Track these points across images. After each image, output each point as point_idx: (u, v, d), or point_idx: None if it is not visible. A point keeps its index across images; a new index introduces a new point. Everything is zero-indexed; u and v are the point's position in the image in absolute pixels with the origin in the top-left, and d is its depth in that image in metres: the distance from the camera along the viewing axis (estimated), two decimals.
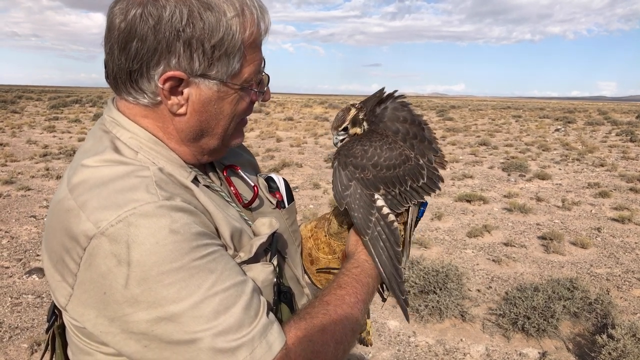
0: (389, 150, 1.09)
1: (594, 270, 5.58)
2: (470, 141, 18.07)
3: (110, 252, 0.75)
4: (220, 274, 0.79)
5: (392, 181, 1.09)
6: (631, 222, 7.44)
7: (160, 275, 0.75)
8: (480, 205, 8.38)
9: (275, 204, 1.14)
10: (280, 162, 11.74)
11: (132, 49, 0.83)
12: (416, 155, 1.12)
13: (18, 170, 10.48)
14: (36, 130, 18.61)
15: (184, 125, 0.91)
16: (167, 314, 0.75)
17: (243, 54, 0.89)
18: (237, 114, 0.95)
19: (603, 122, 29.52)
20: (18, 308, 4.34)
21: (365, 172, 1.08)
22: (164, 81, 0.84)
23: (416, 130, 1.13)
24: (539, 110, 45.51)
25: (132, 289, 0.75)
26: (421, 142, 1.13)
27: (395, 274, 1.07)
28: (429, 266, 4.56)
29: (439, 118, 31.66)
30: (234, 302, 0.78)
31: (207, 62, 0.85)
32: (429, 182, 1.14)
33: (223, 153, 1.03)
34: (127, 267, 0.75)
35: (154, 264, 0.75)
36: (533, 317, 3.99)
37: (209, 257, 0.80)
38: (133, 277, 0.75)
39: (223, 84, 0.89)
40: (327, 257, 1.20)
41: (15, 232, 6.35)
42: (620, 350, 3.36)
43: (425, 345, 3.93)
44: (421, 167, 1.12)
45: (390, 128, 1.12)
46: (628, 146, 17.16)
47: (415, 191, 1.12)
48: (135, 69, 0.84)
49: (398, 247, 1.08)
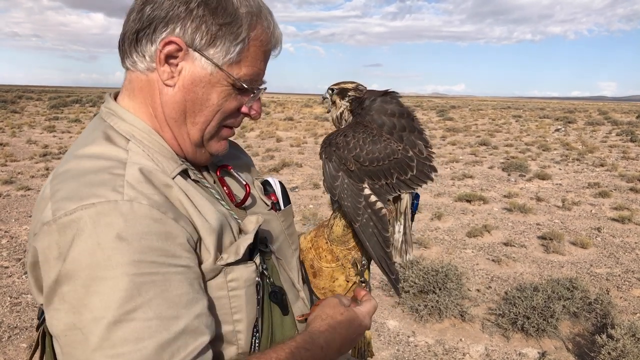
0: (372, 144, 1.07)
1: (593, 270, 5.57)
2: (471, 141, 18.06)
3: (55, 242, 0.74)
4: (150, 300, 0.72)
5: (377, 174, 1.09)
6: (631, 222, 7.44)
7: (88, 280, 0.71)
8: (480, 205, 8.38)
9: (270, 205, 1.13)
10: (280, 162, 11.74)
11: (146, 10, 0.87)
12: (405, 147, 1.10)
13: (18, 170, 10.48)
14: (36, 130, 18.61)
15: (170, 98, 0.90)
16: (80, 323, 0.71)
17: (245, 48, 0.90)
18: (222, 110, 0.93)
19: (603, 122, 29.51)
20: (17, 308, 4.34)
21: (349, 164, 1.09)
22: (164, 44, 0.87)
23: (405, 122, 1.12)
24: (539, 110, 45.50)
25: (61, 285, 0.73)
26: (411, 133, 1.12)
27: (384, 256, 1.11)
28: (429, 266, 4.55)
29: (439, 118, 31.65)
30: (149, 335, 0.71)
31: (208, 39, 0.87)
32: (418, 174, 1.12)
33: (206, 159, 0.99)
34: (62, 262, 0.73)
35: (87, 266, 0.72)
36: (533, 317, 3.98)
37: (148, 277, 0.73)
38: (64, 273, 0.73)
39: (218, 69, 0.89)
40: (331, 265, 1.16)
41: (14, 231, 6.35)
42: (620, 350, 3.35)
43: (424, 345, 3.93)
44: (410, 160, 1.10)
45: (376, 121, 1.11)
46: (628, 146, 17.15)
47: (403, 183, 1.12)
48: (144, 28, 0.87)
49: (386, 232, 1.10)
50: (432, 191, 9.35)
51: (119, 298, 0.70)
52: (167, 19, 0.86)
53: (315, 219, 6.91)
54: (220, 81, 0.90)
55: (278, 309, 0.96)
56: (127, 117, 0.92)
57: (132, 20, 0.89)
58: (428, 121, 28.79)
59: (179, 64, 0.89)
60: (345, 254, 1.17)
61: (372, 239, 1.11)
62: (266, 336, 0.93)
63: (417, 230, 6.85)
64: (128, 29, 0.90)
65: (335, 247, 1.17)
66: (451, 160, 13.31)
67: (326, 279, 1.18)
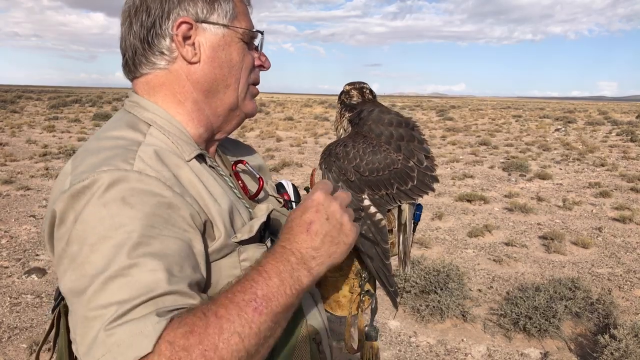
0: (372, 154, 1.06)
1: (595, 270, 5.56)
2: (471, 141, 18.05)
3: (70, 207, 0.78)
4: (145, 260, 0.74)
5: (377, 184, 1.08)
6: (632, 221, 7.42)
7: (94, 239, 0.75)
8: (480, 205, 8.36)
9: (282, 202, 1.15)
10: (280, 162, 11.72)
11: (142, 18, 0.94)
12: (404, 157, 1.08)
13: (17, 169, 10.46)
14: (36, 129, 18.59)
15: (200, 75, 0.96)
16: (82, 280, 0.74)
17: (234, 5, 0.99)
18: (245, 66, 1.00)
19: (603, 122, 29.50)
20: (17, 308, 4.32)
21: (348, 175, 1.07)
22: (177, 28, 0.93)
23: (403, 132, 1.10)
24: (539, 110, 45.52)
25: (71, 245, 0.76)
26: (410, 142, 1.10)
27: (383, 268, 1.09)
28: (430, 266, 4.54)
29: (439, 118, 31.65)
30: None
31: (208, 9, 0.95)
32: (419, 184, 1.10)
33: (237, 123, 1.05)
34: (74, 224, 0.77)
35: (94, 227, 0.75)
36: (535, 317, 3.97)
37: (146, 239, 0.75)
38: (74, 234, 0.76)
39: (226, 28, 0.97)
40: (334, 274, 1.13)
41: (14, 231, 6.33)
42: (623, 351, 3.34)
43: (426, 346, 3.91)
44: (410, 170, 1.09)
45: (374, 130, 1.09)
46: (628, 146, 17.14)
47: (404, 193, 1.10)
48: (150, 31, 0.93)
49: (386, 244, 1.09)
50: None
51: (117, 256, 0.73)
52: (167, 11, 0.93)
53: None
54: (233, 39, 0.98)
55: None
56: (149, 107, 0.97)
57: (134, 29, 0.95)
58: (428, 121, 28.78)
59: (195, 40, 0.95)
60: (348, 263, 1.13)
61: (371, 250, 1.09)
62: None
63: (418, 230, 6.82)
64: (131, 43, 0.95)
65: None
66: (451, 160, 13.30)
67: (330, 289, 1.15)
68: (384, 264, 1.09)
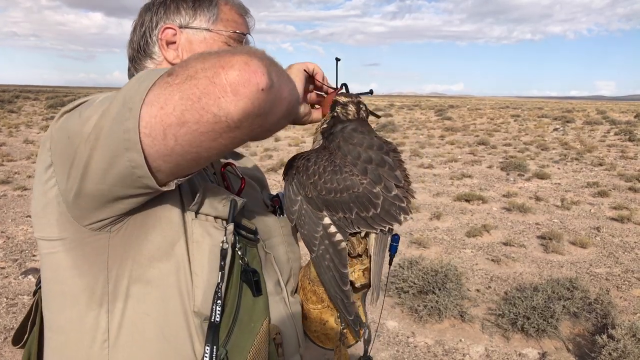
0: (332, 173, 0.98)
1: (593, 270, 5.56)
2: (469, 140, 18.06)
3: (75, 111, 0.84)
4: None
5: (334, 206, 1.00)
6: (630, 221, 7.42)
7: (95, 102, 0.82)
8: (479, 205, 8.36)
9: (270, 207, 1.17)
10: (278, 162, 11.71)
11: (140, 25, 1.07)
12: (370, 182, 0.98)
13: (15, 169, 10.43)
14: (33, 129, 18.55)
15: None
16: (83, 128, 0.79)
17: (220, 10, 1.06)
18: None
19: (602, 121, 29.54)
20: (13, 309, 4.30)
21: (306, 190, 1.01)
22: (161, 33, 1.04)
23: (373, 154, 1.00)
24: (538, 109, 45.56)
25: (83, 113, 0.81)
26: (380, 167, 1.00)
27: (340, 294, 1.02)
28: (428, 266, 4.53)
29: (438, 117, 31.66)
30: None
31: (191, 15, 1.04)
32: (383, 214, 0.99)
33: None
34: (78, 105, 0.85)
35: (90, 101, 0.84)
36: (533, 317, 3.96)
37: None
38: (83, 107, 0.83)
39: (207, 31, 1.05)
40: (317, 307, 1.09)
41: (11, 232, 6.31)
42: (621, 351, 3.33)
43: (424, 346, 3.90)
44: (374, 196, 0.98)
45: (342, 148, 1.01)
46: (627, 145, 17.16)
47: (364, 220, 1.00)
48: (142, 37, 1.05)
49: (344, 268, 1.01)
50: (431, 191, 9.34)
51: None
52: (155, 21, 1.05)
53: None
54: (216, 41, 1.05)
55: (248, 289, 0.96)
56: None
57: (131, 46, 1.08)
58: (426, 120, 28.80)
59: (178, 44, 1.05)
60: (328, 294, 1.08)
61: (327, 274, 1.02)
62: (229, 311, 0.93)
63: (417, 230, 6.83)
64: (131, 52, 1.08)
65: (317, 287, 1.08)
66: (450, 159, 13.30)
67: (316, 322, 1.11)
68: (342, 290, 1.01)
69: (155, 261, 0.89)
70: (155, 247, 0.89)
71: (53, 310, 0.94)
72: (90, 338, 0.89)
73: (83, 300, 0.89)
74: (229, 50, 0.74)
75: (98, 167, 0.77)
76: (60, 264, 0.90)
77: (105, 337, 0.89)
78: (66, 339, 0.92)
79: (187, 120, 0.71)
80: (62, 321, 0.92)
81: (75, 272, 0.89)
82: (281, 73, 0.79)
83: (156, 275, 0.89)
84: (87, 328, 0.89)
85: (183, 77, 0.71)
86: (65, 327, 0.92)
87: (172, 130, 0.71)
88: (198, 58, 0.73)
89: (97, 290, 0.89)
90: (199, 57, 0.73)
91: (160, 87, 0.72)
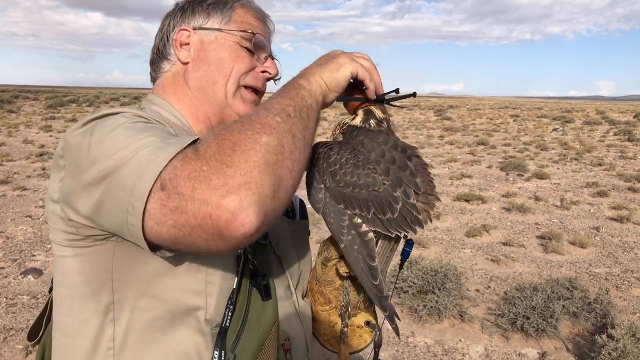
0: (354, 167, 0.93)
1: (592, 270, 5.56)
2: (469, 141, 18.07)
3: (84, 131, 0.85)
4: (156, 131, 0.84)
5: (351, 201, 0.94)
6: (630, 221, 7.43)
7: (111, 133, 0.81)
8: (478, 205, 8.37)
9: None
10: None
11: (160, 30, 1.11)
12: (392, 184, 0.94)
13: (14, 169, 10.43)
14: (33, 129, 18.54)
15: (190, 72, 1.06)
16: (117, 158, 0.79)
17: (234, 12, 1.08)
18: (236, 68, 1.05)
19: (601, 121, 29.55)
20: (13, 309, 4.30)
21: (324, 179, 0.96)
22: (176, 34, 1.07)
23: (396, 155, 0.96)
24: (537, 109, 45.57)
25: (92, 151, 0.80)
26: (402, 170, 0.95)
27: (373, 289, 0.96)
28: (428, 266, 4.53)
29: (437, 117, 31.67)
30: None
31: (204, 17, 1.07)
32: (400, 220, 0.94)
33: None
34: (90, 136, 0.82)
35: (107, 127, 0.82)
36: (532, 317, 3.97)
37: (152, 126, 0.86)
38: (94, 141, 0.81)
39: (219, 31, 1.06)
40: (324, 308, 1.06)
41: (10, 232, 6.30)
42: (620, 351, 3.34)
43: (424, 346, 3.90)
44: (394, 200, 0.93)
45: (366, 145, 0.97)
46: (626, 145, 17.18)
47: (380, 222, 0.94)
48: (162, 40, 1.09)
49: (372, 261, 0.95)
50: None
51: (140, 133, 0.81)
52: (173, 25, 1.08)
53: (320, 221, 6.88)
54: (227, 41, 1.06)
55: (257, 293, 0.96)
56: (158, 102, 1.07)
57: (155, 46, 1.12)
58: (426, 121, 28.80)
59: (191, 44, 1.07)
60: (335, 295, 1.04)
61: (357, 266, 0.95)
62: (238, 316, 0.92)
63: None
64: (154, 50, 1.12)
65: (324, 288, 1.05)
66: (449, 159, 13.31)
67: (325, 325, 1.07)
68: (373, 285, 0.95)
69: (161, 276, 0.87)
70: (160, 263, 0.86)
71: (62, 312, 0.94)
72: (96, 345, 0.90)
73: (90, 306, 0.89)
74: (220, 187, 0.68)
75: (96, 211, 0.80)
76: (69, 268, 0.90)
77: (110, 346, 0.89)
78: (72, 343, 0.92)
79: (181, 239, 0.72)
80: (70, 325, 0.92)
81: (82, 279, 0.89)
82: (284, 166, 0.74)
83: (163, 290, 0.88)
84: (92, 335, 0.90)
85: (174, 203, 0.70)
86: (71, 331, 0.92)
87: (172, 235, 0.73)
88: (189, 179, 0.69)
89: (102, 298, 0.89)
90: (191, 177, 0.69)
91: (156, 204, 0.71)
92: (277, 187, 0.72)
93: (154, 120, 0.90)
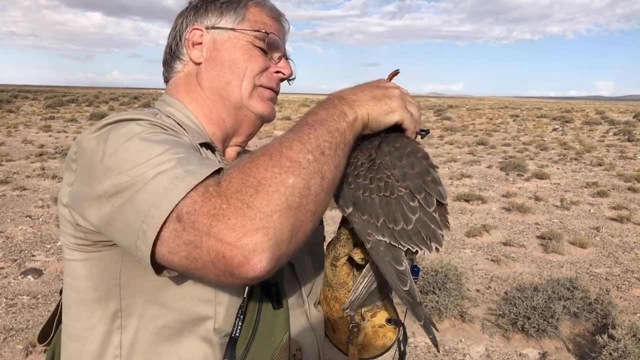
0: (368, 171, 0.85)
1: (593, 270, 5.56)
2: (468, 140, 18.07)
3: (98, 136, 0.83)
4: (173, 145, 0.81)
5: (362, 205, 0.85)
6: (630, 221, 7.43)
7: (126, 144, 0.79)
8: (478, 205, 8.36)
9: None
10: None
11: (173, 30, 1.09)
12: (409, 193, 0.84)
13: (14, 169, 10.42)
14: (32, 129, 18.53)
15: (203, 73, 1.04)
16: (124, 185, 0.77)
17: (247, 11, 1.06)
18: (250, 68, 1.04)
19: (601, 121, 29.57)
20: (13, 309, 4.29)
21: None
22: (188, 33, 1.06)
23: (415, 160, 0.86)
24: (537, 109, 45.58)
25: (106, 161, 0.79)
26: (422, 175, 0.86)
27: (405, 295, 0.86)
28: (428, 266, 4.53)
29: (437, 117, 31.68)
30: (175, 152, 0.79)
31: (217, 16, 1.05)
32: (413, 232, 0.83)
33: (251, 123, 1.09)
34: (104, 143, 0.80)
35: (122, 136, 0.80)
36: (533, 317, 3.96)
37: (168, 138, 0.84)
38: (108, 150, 0.79)
39: (232, 31, 1.04)
40: (342, 314, 1.00)
41: (10, 232, 6.29)
42: (621, 351, 3.33)
43: (424, 346, 3.90)
44: (409, 210, 0.83)
45: (382, 148, 0.88)
46: (626, 145, 17.19)
47: (390, 232, 0.84)
48: (174, 39, 1.08)
49: (400, 265, 0.85)
50: None
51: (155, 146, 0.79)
52: (186, 25, 1.07)
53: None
54: (240, 41, 1.04)
55: (268, 301, 0.93)
56: (171, 102, 1.06)
57: (168, 45, 1.10)
58: (426, 121, 28.79)
59: (204, 44, 1.05)
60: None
61: (385, 268, 0.86)
62: (248, 325, 0.90)
63: None
64: (167, 50, 1.10)
65: (337, 292, 0.99)
66: (449, 159, 13.31)
67: (345, 332, 1.02)
68: (403, 291, 0.86)
69: (170, 284, 0.85)
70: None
71: (70, 317, 0.93)
72: (102, 352, 0.89)
73: (97, 312, 0.88)
74: (237, 228, 0.66)
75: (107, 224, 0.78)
76: (77, 272, 0.89)
77: (117, 354, 0.88)
78: (80, 349, 0.91)
79: (192, 270, 0.72)
80: (77, 330, 0.91)
81: (89, 284, 0.88)
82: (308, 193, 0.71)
83: (172, 298, 0.86)
84: (99, 341, 0.89)
85: (189, 237, 0.68)
86: (79, 336, 0.91)
87: (183, 265, 0.72)
88: (208, 216, 0.67)
89: (110, 305, 0.87)
90: (210, 215, 0.67)
91: (171, 234, 0.70)
92: (296, 231, 0.70)
93: (169, 129, 0.89)
